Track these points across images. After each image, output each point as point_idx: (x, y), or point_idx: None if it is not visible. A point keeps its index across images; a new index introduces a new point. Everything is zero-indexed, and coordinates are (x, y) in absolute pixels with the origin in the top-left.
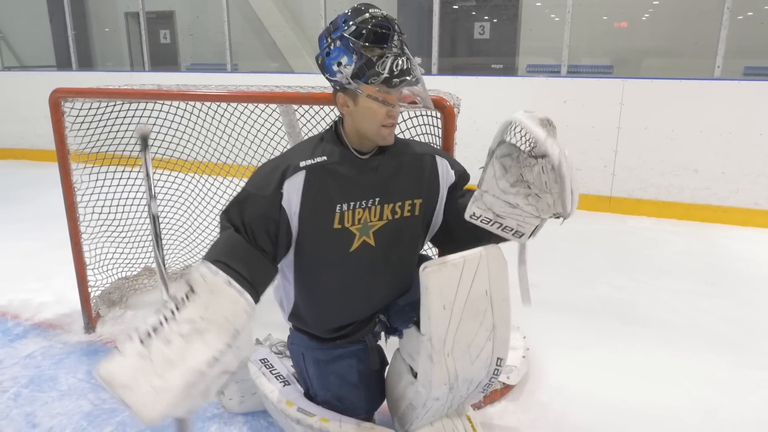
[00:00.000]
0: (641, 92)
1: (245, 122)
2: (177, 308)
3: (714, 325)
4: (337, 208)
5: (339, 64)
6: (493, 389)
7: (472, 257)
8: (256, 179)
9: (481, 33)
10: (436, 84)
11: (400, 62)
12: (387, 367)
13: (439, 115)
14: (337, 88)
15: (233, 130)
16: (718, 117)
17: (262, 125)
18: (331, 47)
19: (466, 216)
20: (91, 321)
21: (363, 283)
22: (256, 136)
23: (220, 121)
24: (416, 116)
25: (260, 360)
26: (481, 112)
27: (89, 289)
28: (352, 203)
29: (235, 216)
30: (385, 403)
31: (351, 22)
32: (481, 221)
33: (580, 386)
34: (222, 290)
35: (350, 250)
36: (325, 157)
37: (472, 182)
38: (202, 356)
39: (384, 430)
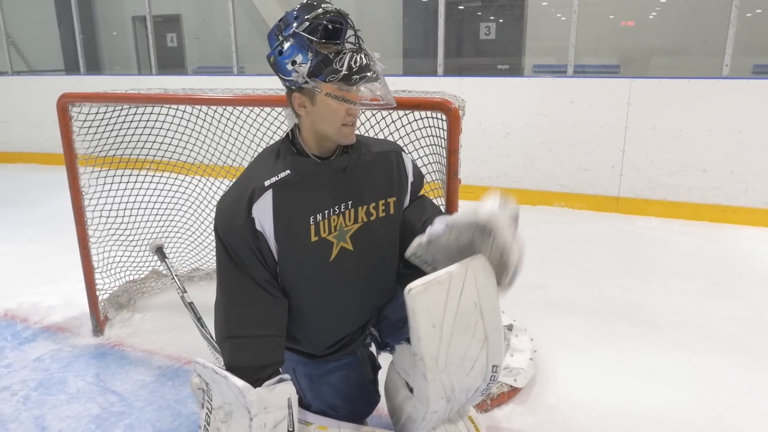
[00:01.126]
0: (648, 92)
1: (251, 125)
2: (211, 399)
3: (724, 326)
4: (311, 220)
5: (293, 62)
6: (500, 392)
7: (458, 272)
8: (222, 213)
9: (487, 33)
10: (442, 85)
11: (358, 58)
12: (379, 371)
13: (444, 117)
14: (293, 88)
15: (239, 133)
16: (727, 116)
17: (268, 128)
18: (284, 45)
19: (406, 254)
20: (99, 324)
21: (349, 291)
22: (261, 138)
23: (226, 124)
24: (421, 119)
25: None
26: (487, 113)
27: (97, 292)
28: (325, 212)
29: (225, 261)
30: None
31: (303, 18)
32: (419, 261)
33: (588, 389)
34: (217, 379)
35: (330, 260)
36: (288, 171)
37: (472, 182)
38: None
39: None
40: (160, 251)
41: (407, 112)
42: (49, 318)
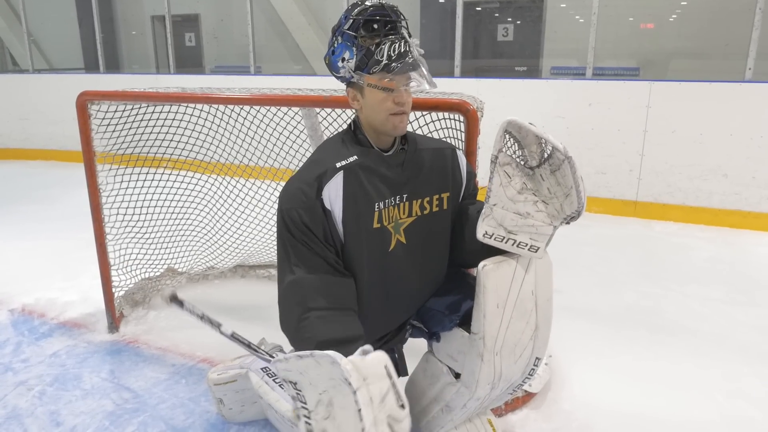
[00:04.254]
0: (668, 95)
1: (267, 125)
2: (305, 402)
3: (745, 334)
4: (376, 206)
5: (343, 59)
6: (515, 397)
7: (524, 258)
8: (289, 195)
9: (505, 35)
10: (459, 87)
11: (396, 46)
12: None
13: (462, 118)
14: (345, 83)
15: (255, 132)
16: (749, 120)
17: (285, 128)
18: (335, 45)
19: (479, 236)
20: (114, 321)
21: (401, 284)
22: (278, 138)
23: (243, 124)
24: (438, 120)
25: (262, 369)
26: (505, 115)
27: (113, 289)
28: (387, 200)
29: (291, 241)
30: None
31: (350, 16)
32: (494, 239)
33: (604, 395)
34: (304, 366)
35: (389, 250)
36: (355, 157)
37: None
38: (351, 419)
39: None
40: (175, 299)
41: (424, 113)
42: (66, 314)
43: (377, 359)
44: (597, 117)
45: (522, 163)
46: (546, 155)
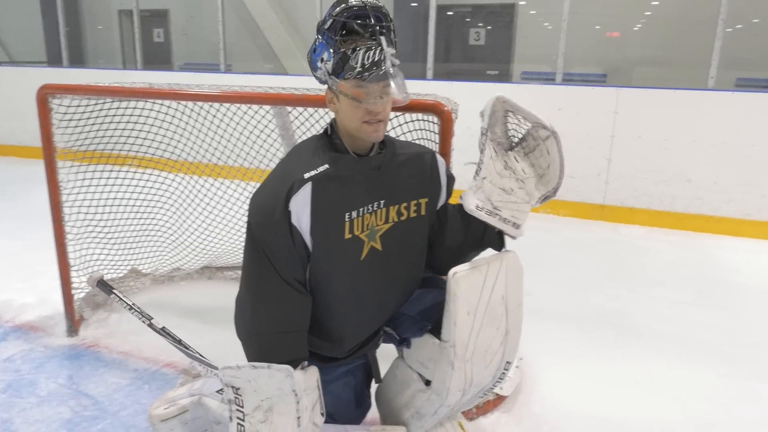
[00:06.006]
0: (635, 101)
1: (238, 123)
2: (241, 405)
3: (708, 336)
4: (346, 216)
5: (322, 59)
6: (486, 400)
7: (495, 262)
8: (257, 207)
9: (476, 39)
10: (431, 89)
11: (371, 54)
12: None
13: (436, 119)
14: (325, 85)
15: (225, 131)
16: (711, 127)
17: (255, 127)
18: (316, 43)
19: (471, 208)
20: (74, 324)
21: (375, 291)
22: (248, 137)
23: (212, 122)
24: (411, 121)
25: (218, 392)
26: (476, 118)
27: (73, 291)
28: (360, 209)
29: (254, 257)
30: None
31: (331, 14)
32: (484, 212)
33: (573, 397)
34: (256, 375)
35: (361, 259)
36: (326, 165)
37: (460, 186)
38: (288, 423)
39: (395, 429)
40: (102, 284)
41: (397, 114)
42: (22, 316)
43: (312, 373)
44: (566, 122)
45: (507, 140)
46: (519, 139)
